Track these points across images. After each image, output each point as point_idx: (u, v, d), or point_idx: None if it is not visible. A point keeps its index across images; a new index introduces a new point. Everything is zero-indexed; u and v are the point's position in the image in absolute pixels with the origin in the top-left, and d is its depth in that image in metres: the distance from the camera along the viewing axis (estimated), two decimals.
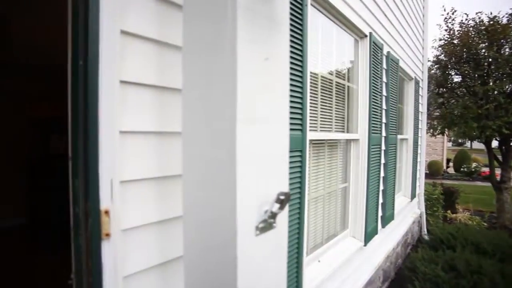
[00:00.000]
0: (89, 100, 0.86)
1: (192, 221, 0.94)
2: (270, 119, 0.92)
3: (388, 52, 3.54)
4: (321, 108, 2.37)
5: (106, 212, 0.90)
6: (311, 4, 1.98)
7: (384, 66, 3.45)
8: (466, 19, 6.00)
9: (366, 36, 2.92)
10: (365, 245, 2.92)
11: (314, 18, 2.17)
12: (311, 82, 2.07)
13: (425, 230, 5.23)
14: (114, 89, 0.92)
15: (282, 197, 0.88)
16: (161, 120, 1.07)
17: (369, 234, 3.02)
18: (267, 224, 0.89)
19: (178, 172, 1.09)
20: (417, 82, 4.98)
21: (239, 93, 0.78)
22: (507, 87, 5.55)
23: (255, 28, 0.86)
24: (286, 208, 0.97)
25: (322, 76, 2.38)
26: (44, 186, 4.23)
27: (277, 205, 0.87)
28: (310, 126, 2.06)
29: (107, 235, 0.90)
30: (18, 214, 4.63)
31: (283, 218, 0.96)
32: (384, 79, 3.47)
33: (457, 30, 6.09)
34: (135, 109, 1.00)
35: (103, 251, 0.90)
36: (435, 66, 6.44)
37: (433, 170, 12.65)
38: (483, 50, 5.68)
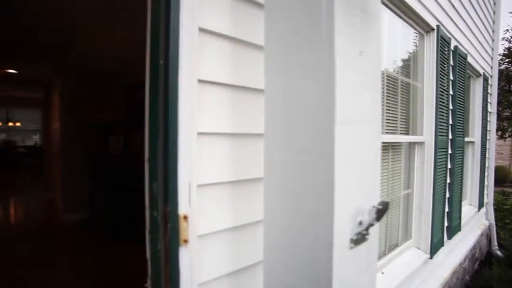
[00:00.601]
0: (170, 100, 0.83)
1: (275, 228, 0.87)
2: (364, 120, 0.82)
3: (456, 47, 3.21)
4: (386, 108, 2.19)
5: (185, 218, 0.86)
6: None
7: (451, 62, 3.13)
8: None
9: (433, 29, 2.66)
10: (431, 257, 2.65)
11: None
12: None
13: (496, 244, 4.66)
14: (192, 89, 0.88)
15: (379, 207, 0.77)
16: (236, 121, 1.02)
17: (435, 246, 2.74)
18: (360, 236, 0.78)
19: (254, 175, 1.03)
20: (485, 79, 4.48)
21: (337, 90, 0.70)
22: None
23: (348, 18, 0.76)
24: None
25: (387, 74, 2.20)
26: (104, 184, 4.51)
27: (373, 216, 0.77)
28: None
29: (185, 241, 0.86)
30: (85, 209, 5.01)
31: (374, 229, 0.85)
32: (451, 76, 3.15)
33: None
34: (212, 109, 0.95)
35: (181, 258, 0.87)
36: (506, 60, 5.76)
37: (499, 177, 11.38)
38: None
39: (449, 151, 3.16)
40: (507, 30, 5.78)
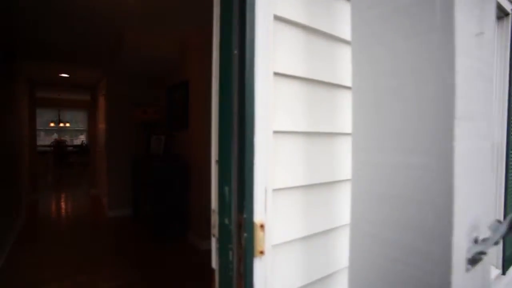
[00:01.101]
0: (247, 94, 0.74)
1: (365, 239, 0.75)
2: (478, 115, 0.67)
3: None
4: None
5: (262, 226, 0.76)
6: None
7: None
8: None
9: (508, 14, 2.37)
10: (503, 273, 2.35)
11: None
12: None
13: None
14: (268, 82, 0.79)
15: (502, 221, 0.63)
16: (311, 119, 0.91)
17: (508, 259, 2.44)
18: (477, 256, 0.64)
19: (331, 178, 0.92)
20: None
21: (457, 79, 0.56)
22: None
23: None
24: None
25: None
26: (146, 182, 4.63)
27: (503, 230, 0.62)
28: None
29: (261, 252, 0.77)
30: (128, 206, 5.20)
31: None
32: None
33: None
34: (287, 105, 0.86)
35: (256, 271, 0.78)
36: None
37: None
38: None
39: None
40: None
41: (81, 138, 13.41)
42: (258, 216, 0.77)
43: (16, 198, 4.33)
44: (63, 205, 6.14)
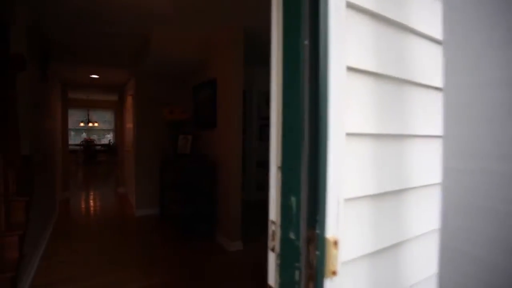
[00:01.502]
0: (321, 91, 0.64)
1: (458, 261, 0.64)
2: None
3: None
4: None
5: (335, 243, 0.66)
6: None
7: None
8: None
9: None
10: None
11: None
12: None
13: None
14: (341, 77, 0.69)
15: None
16: (384, 120, 0.80)
17: None
18: None
19: (401, 185, 0.81)
20: None
21: None
22: None
23: None
24: None
25: None
26: (173, 182, 4.64)
27: None
28: None
29: (334, 273, 0.67)
30: (155, 206, 5.26)
31: None
32: None
33: None
34: (358, 104, 0.75)
35: None
36: None
37: None
38: None
39: None
40: None
41: (108, 137, 13.83)
42: (331, 231, 0.67)
43: (51, 196, 4.47)
44: (92, 203, 6.31)
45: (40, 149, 3.52)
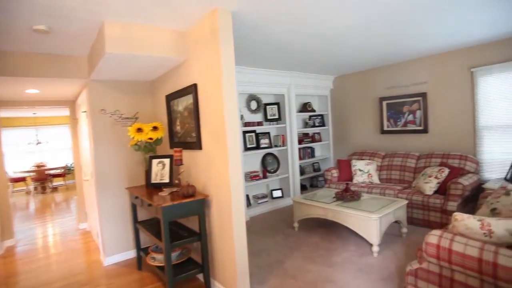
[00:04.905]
0: None
1: None
2: None
3: None
4: None
5: None
6: None
7: None
8: None
9: None
10: None
11: None
12: None
13: None
14: None
15: None
16: None
17: None
18: None
19: None
20: None
21: None
22: None
23: None
24: None
25: None
26: (150, 221, 3.57)
27: None
28: None
29: None
30: (128, 248, 4.12)
31: None
32: None
33: None
34: None
35: None
36: None
37: None
38: None
39: None
40: None
41: (65, 157, 12.10)
42: None
43: None
44: (45, 250, 4.99)
45: None
